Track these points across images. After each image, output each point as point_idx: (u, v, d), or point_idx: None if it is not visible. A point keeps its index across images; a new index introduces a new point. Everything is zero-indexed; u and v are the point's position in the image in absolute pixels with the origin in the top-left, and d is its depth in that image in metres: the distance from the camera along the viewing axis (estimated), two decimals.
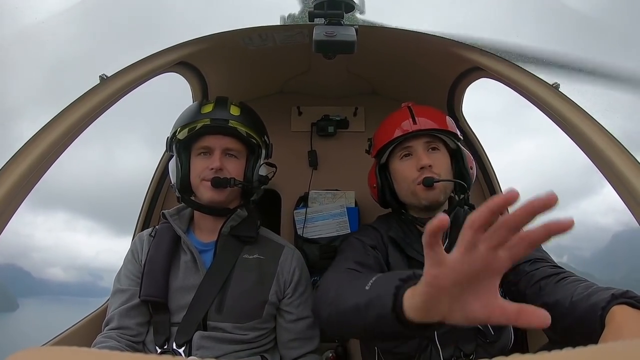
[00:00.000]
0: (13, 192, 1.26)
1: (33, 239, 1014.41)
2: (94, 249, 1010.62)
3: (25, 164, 1.28)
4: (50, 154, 1.35)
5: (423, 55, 1.90)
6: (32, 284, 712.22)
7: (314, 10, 1.51)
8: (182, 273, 1.53)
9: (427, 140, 1.57)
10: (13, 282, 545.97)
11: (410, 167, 1.56)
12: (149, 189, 2.23)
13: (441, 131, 1.58)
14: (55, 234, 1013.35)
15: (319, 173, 2.38)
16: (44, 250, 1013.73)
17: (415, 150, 1.56)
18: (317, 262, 2.09)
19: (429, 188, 1.51)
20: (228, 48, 1.86)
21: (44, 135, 1.33)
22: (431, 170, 1.53)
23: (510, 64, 1.55)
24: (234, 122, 1.53)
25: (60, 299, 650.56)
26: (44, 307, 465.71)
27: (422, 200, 1.54)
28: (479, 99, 48.78)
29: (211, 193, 1.51)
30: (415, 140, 1.57)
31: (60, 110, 1.38)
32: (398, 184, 1.62)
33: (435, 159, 1.55)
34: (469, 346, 1.48)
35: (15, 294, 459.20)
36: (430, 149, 1.57)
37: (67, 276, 58.20)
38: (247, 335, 1.49)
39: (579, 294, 1.14)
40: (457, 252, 0.72)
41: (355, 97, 2.46)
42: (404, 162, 1.59)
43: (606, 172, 1.35)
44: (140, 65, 1.53)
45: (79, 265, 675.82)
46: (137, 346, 1.48)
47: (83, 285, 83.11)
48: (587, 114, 1.39)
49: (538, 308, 0.68)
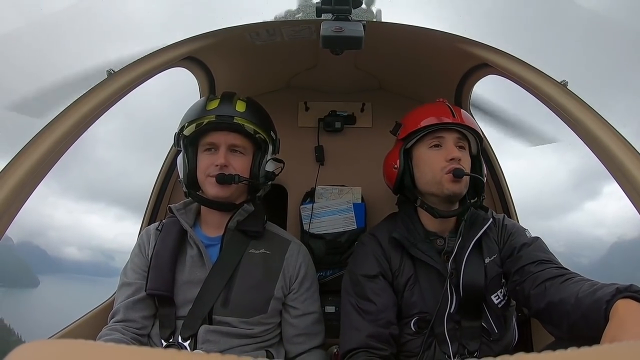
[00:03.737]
0: (24, 182, 1.27)
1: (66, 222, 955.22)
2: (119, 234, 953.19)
3: (34, 156, 1.29)
4: (59, 147, 1.36)
5: (431, 51, 1.89)
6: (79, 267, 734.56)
7: (322, 6, 1.50)
8: (189, 267, 1.54)
9: (458, 136, 1.59)
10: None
11: (439, 157, 1.56)
12: (156, 183, 2.24)
13: (474, 131, 1.61)
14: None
15: (326, 168, 2.37)
16: (63, 230, 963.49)
17: (447, 142, 1.58)
18: (323, 257, 2.09)
19: (457, 179, 1.52)
20: (235, 43, 1.86)
21: (53, 128, 1.34)
22: (460, 163, 1.54)
23: (519, 61, 1.54)
24: (239, 119, 1.54)
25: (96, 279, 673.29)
26: (63, 285, 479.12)
27: (445, 190, 1.54)
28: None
29: (216, 189, 1.52)
30: (448, 133, 1.58)
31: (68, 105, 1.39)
32: (420, 171, 1.62)
33: (463, 155, 1.57)
34: (473, 344, 1.49)
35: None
36: (459, 146, 1.59)
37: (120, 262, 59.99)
38: (252, 330, 1.49)
39: (584, 291, 1.15)
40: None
41: (363, 93, 2.44)
42: (433, 151, 1.59)
43: (614, 170, 1.34)
44: (147, 60, 1.53)
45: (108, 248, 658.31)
46: (142, 339, 1.50)
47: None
48: (595, 112, 1.38)
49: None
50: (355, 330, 1.49)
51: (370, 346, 1.44)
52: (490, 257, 1.54)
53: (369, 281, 1.55)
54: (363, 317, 1.50)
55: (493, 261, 1.54)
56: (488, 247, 1.56)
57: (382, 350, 1.44)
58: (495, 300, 1.51)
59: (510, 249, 1.53)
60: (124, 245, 2.09)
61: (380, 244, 1.62)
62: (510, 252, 1.52)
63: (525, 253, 1.47)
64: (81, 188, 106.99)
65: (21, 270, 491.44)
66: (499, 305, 1.51)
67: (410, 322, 1.52)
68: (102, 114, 1.50)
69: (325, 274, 2.10)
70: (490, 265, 1.53)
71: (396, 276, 1.57)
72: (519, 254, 1.49)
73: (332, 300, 1.99)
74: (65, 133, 1.35)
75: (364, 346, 1.44)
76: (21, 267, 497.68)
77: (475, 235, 1.54)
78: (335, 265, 2.10)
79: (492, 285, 1.52)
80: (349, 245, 2.09)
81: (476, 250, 1.54)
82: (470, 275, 1.50)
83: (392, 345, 1.48)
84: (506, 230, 1.61)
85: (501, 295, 1.53)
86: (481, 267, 1.52)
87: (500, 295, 1.52)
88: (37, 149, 1.30)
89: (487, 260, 1.53)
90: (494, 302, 1.51)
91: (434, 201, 1.60)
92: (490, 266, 1.53)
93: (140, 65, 1.52)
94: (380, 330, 1.47)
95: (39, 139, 1.32)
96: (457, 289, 1.50)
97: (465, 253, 1.52)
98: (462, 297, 1.50)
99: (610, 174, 1.36)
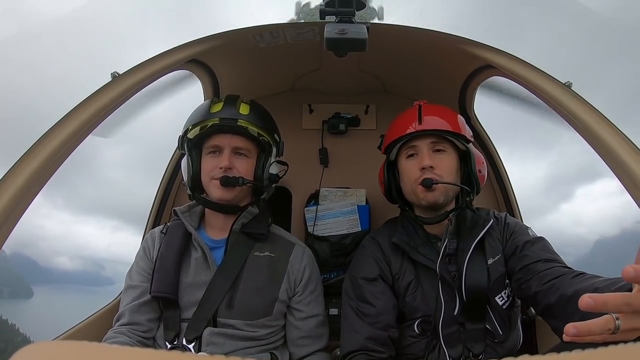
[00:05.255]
0: (27, 187, 1.27)
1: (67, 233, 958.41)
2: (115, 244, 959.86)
3: (38, 160, 1.29)
4: (63, 150, 1.36)
5: (434, 53, 1.89)
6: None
7: (325, 8, 1.51)
8: (193, 270, 1.54)
9: (432, 140, 1.56)
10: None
11: (414, 167, 1.55)
12: (160, 186, 2.25)
13: (447, 132, 1.56)
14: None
15: (330, 171, 2.37)
16: (53, 241, 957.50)
17: (420, 150, 1.56)
18: (328, 259, 2.08)
19: (429, 189, 1.50)
20: (239, 45, 1.86)
21: (57, 132, 1.34)
22: (432, 171, 1.52)
23: (523, 62, 1.53)
24: (242, 121, 1.54)
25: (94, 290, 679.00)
26: (56, 295, 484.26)
27: (421, 201, 1.54)
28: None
29: (220, 192, 1.52)
30: (420, 140, 1.56)
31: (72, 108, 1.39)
32: (403, 182, 1.62)
33: (439, 160, 1.54)
34: (477, 346, 1.48)
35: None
36: (436, 150, 1.56)
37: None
38: (257, 332, 1.49)
39: (603, 281, 1.12)
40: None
41: (367, 95, 2.45)
42: (409, 162, 1.58)
43: (618, 172, 1.33)
44: (151, 63, 1.53)
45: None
46: (147, 342, 1.50)
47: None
48: (599, 113, 1.37)
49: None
50: (354, 332, 1.49)
51: (369, 349, 1.44)
52: (493, 257, 1.52)
53: (368, 284, 1.55)
54: (362, 320, 1.49)
55: (497, 261, 1.52)
56: (491, 248, 1.54)
57: (381, 353, 1.44)
58: (500, 302, 1.50)
59: (513, 247, 1.52)
60: (116, 254, 2.11)
61: (380, 247, 1.63)
62: (513, 250, 1.51)
63: (530, 252, 1.46)
64: (84, 203, 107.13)
65: (15, 282, 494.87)
66: (503, 306, 1.50)
67: (414, 324, 1.52)
68: (107, 117, 1.51)
69: (330, 276, 2.10)
70: (494, 265, 1.51)
71: (397, 279, 1.57)
72: (522, 253, 1.47)
73: (336, 302, 1.98)
74: (70, 136, 1.35)
75: (363, 349, 1.44)
76: (15, 278, 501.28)
77: (476, 237, 1.53)
78: (339, 267, 2.09)
79: (495, 286, 1.50)
80: (353, 247, 2.08)
81: (479, 252, 1.53)
82: (472, 277, 1.49)
83: (390, 348, 1.47)
84: (509, 228, 1.59)
85: (505, 296, 1.52)
86: (484, 269, 1.50)
87: (504, 296, 1.51)
88: (42, 151, 1.30)
89: (491, 261, 1.51)
90: (498, 304, 1.50)
91: (420, 210, 1.61)
92: (494, 267, 1.51)
93: (144, 68, 1.52)
94: (379, 333, 1.46)
95: (44, 141, 1.32)
96: (459, 291, 1.50)
97: (467, 255, 1.51)
98: (465, 300, 1.49)
99: (615, 175, 1.35)
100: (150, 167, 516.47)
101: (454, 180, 1.55)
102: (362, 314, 1.51)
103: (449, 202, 1.58)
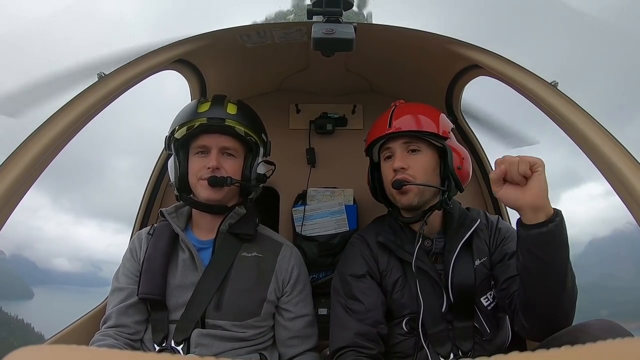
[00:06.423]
0: (13, 187, 1.25)
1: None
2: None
3: (24, 161, 1.27)
4: (49, 151, 1.34)
5: (421, 53, 1.90)
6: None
7: (313, 8, 1.51)
8: (181, 271, 1.53)
9: (405, 141, 1.55)
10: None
11: (389, 169, 1.56)
12: (147, 187, 2.23)
13: (418, 132, 1.55)
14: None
15: (318, 171, 2.37)
16: (50, 243, 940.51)
17: (394, 151, 1.56)
18: (316, 259, 2.08)
19: (401, 191, 1.51)
20: (226, 45, 1.85)
21: (43, 132, 1.32)
22: (404, 172, 1.52)
23: (509, 62, 1.55)
24: (230, 121, 1.53)
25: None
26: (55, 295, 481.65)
27: (397, 202, 1.56)
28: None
29: (208, 192, 1.51)
30: (393, 142, 1.57)
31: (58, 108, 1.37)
32: (384, 184, 1.63)
33: (413, 160, 1.54)
34: (466, 344, 1.49)
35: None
36: (410, 150, 1.55)
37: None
38: (245, 333, 1.49)
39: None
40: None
41: (354, 95, 2.45)
42: (386, 163, 1.59)
43: (605, 170, 1.35)
44: (138, 63, 1.52)
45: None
46: (135, 344, 1.48)
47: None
48: (585, 113, 1.39)
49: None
50: (343, 328, 1.49)
51: (358, 345, 1.44)
52: (480, 259, 1.53)
53: (356, 281, 1.56)
54: (351, 316, 1.50)
55: (482, 264, 1.53)
56: (478, 249, 1.55)
57: (370, 349, 1.44)
58: (485, 303, 1.51)
59: (502, 255, 1.53)
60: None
61: (368, 245, 1.63)
62: (501, 258, 1.52)
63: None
64: (92, 208, 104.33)
65: (15, 283, 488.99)
66: (488, 307, 1.51)
67: (402, 322, 1.52)
68: (93, 117, 1.49)
69: (318, 276, 2.09)
70: (480, 267, 1.52)
71: (384, 276, 1.57)
72: (509, 261, 1.48)
73: (325, 302, 1.98)
74: (56, 137, 1.33)
75: (352, 345, 1.44)
76: (14, 280, 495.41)
77: (463, 236, 1.53)
78: (328, 267, 2.09)
79: (481, 287, 1.51)
80: (341, 247, 2.07)
81: (466, 251, 1.54)
82: (459, 276, 1.50)
83: (379, 344, 1.48)
84: (500, 233, 1.59)
85: (490, 297, 1.53)
86: (471, 268, 1.51)
87: (489, 298, 1.53)
88: (28, 152, 1.28)
89: (477, 263, 1.53)
90: (483, 304, 1.51)
91: (401, 211, 1.62)
92: (479, 269, 1.52)
93: (131, 68, 1.50)
94: (368, 329, 1.47)
95: (30, 142, 1.30)
96: (446, 289, 1.51)
97: (453, 254, 1.52)
98: (452, 298, 1.50)
99: (601, 174, 1.36)
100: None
101: (432, 180, 1.54)
102: (350, 310, 1.51)
103: (427, 202, 1.56)
